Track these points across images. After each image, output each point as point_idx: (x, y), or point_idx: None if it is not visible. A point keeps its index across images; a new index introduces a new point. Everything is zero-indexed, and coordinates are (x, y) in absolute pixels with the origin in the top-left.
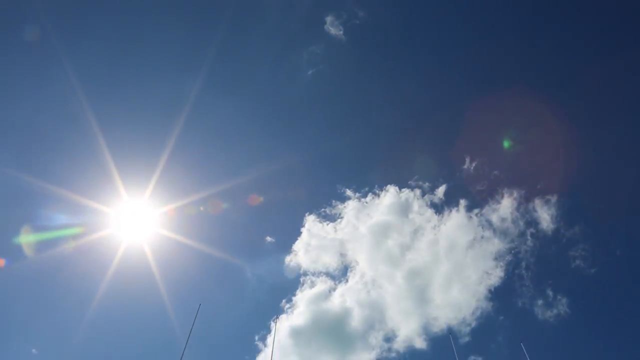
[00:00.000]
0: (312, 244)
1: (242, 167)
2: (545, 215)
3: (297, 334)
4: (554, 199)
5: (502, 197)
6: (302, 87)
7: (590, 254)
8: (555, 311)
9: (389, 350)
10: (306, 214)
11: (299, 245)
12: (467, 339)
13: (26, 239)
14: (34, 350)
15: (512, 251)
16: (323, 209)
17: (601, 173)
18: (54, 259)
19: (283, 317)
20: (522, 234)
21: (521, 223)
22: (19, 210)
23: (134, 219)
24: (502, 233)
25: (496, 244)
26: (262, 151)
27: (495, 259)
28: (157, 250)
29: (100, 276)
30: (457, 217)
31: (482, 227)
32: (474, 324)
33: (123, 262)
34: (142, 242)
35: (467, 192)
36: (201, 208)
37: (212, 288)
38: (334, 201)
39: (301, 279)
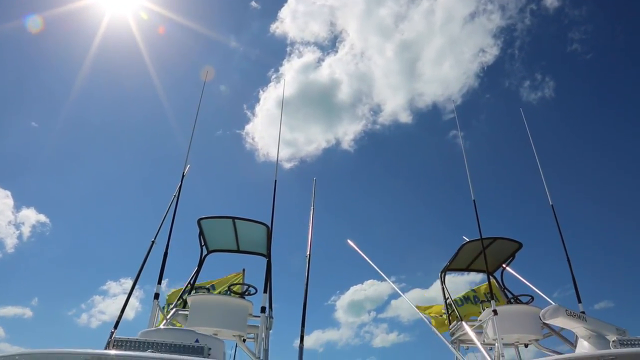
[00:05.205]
0: (300, 10)
1: None
2: None
3: (284, 104)
4: None
5: None
6: None
7: (592, 37)
8: (539, 94)
9: (374, 122)
10: None
11: (285, 12)
12: (450, 115)
13: None
14: (33, 124)
15: (510, 27)
16: None
17: None
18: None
19: (270, 86)
20: (521, 10)
21: None
22: None
23: None
24: (502, 7)
25: (496, 20)
26: None
27: (494, 36)
28: (142, 24)
29: (84, 49)
30: None
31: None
32: (459, 101)
33: (107, 36)
34: (126, 14)
35: None
36: None
37: (197, 60)
38: None
39: (288, 49)
